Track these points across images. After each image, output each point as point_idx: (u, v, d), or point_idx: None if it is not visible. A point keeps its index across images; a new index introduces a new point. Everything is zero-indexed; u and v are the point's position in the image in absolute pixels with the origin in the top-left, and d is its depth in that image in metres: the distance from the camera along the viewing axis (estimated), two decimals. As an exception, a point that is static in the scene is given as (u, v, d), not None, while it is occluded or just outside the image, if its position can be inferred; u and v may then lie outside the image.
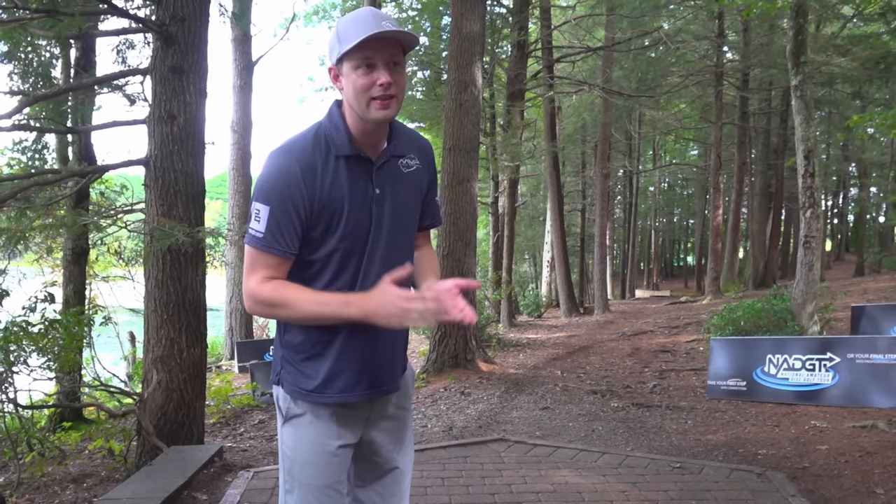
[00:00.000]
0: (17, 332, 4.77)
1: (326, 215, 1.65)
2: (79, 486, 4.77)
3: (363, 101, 1.61)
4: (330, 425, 1.75)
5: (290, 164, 1.62)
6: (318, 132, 1.69)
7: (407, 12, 18.58)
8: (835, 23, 19.48)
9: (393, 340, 1.80)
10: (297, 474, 1.76)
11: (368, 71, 1.59)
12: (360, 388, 1.76)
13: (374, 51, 1.58)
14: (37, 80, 7.40)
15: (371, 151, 1.71)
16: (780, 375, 6.44)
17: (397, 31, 1.56)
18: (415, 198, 1.83)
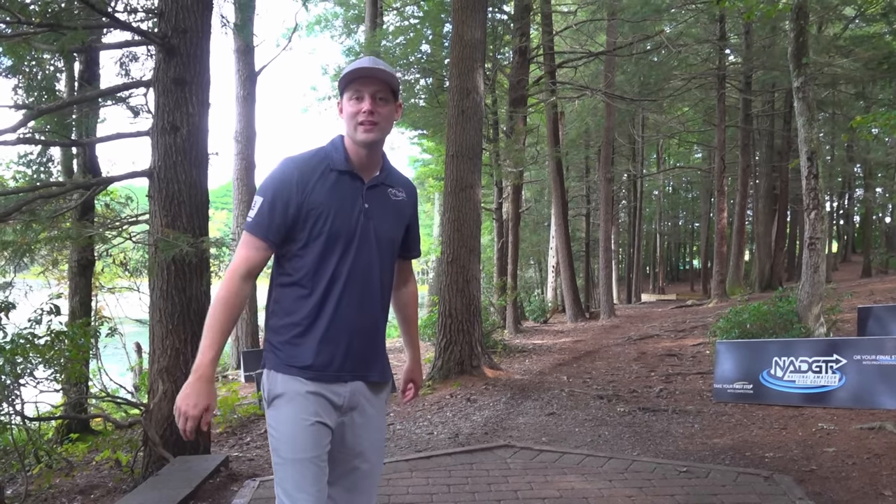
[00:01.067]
0: (23, 344, 4.79)
1: (314, 215, 1.95)
2: (86, 498, 4.79)
3: (352, 125, 1.99)
4: (307, 403, 1.94)
5: (291, 169, 1.98)
6: (321, 151, 2.06)
7: (408, 20, 18.64)
8: (836, 24, 19.48)
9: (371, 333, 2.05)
10: (282, 451, 1.94)
11: (357, 102, 1.98)
12: (334, 369, 1.98)
13: (363, 85, 1.97)
14: (41, 94, 7.46)
15: (364, 174, 2.05)
16: (786, 378, 6.42)
17: (379, 69, 1.95)
18: (398, 222, 2.14)
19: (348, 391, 2.00)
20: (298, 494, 1.90)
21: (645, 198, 37.22)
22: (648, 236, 45.18)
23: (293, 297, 1.99)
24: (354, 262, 1.98)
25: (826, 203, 30.72)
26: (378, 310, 2.07)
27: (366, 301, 2.01)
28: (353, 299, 1.99)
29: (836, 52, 17.85)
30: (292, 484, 1.91)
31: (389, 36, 16.61)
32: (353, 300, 1.99)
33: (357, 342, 2.00)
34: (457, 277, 8.70)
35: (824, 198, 9.07)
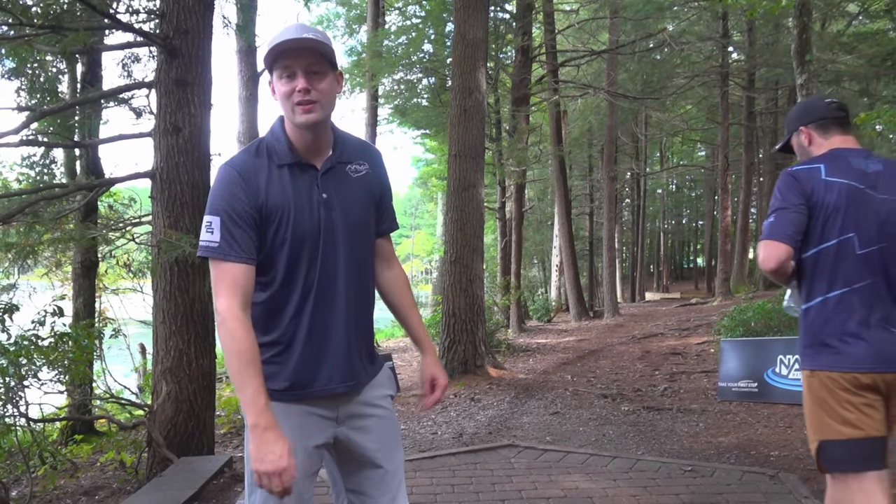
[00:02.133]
0: (27, 345, 4.80)
1: (273, 221, 1.73)
2: (91, 499, 4.79)
3: (288, 106, 1.73)
4: (291, 425, 1.75)
5: (232, 174, 1.72)
6: (261, 145, 1.80)
7: (411, 20, 18.64)
8: (840, 20, 19.39)
9: (356, 335, 1.85)
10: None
11: (289, 80, 1.71)
12: (319, 385, 1.79)
13: (293, 59, 1.70)
14: (44, 96, 7.47)
15: (314, 159, 1.80)
16: (791, 376, 6.39)
17: (308, 38, 1.67)
18: (366, 202, 1.88)
19: (341, 403, 1.84)
20: None
21: (648, 196, 37.15)
22: (652, 235, 45.10)
23: (267, 314, 1.78)
24: (325, 263, 1.77)
25: (830, 200, 30.50)
26: (359, 306, 1.85)
27: (343, 302, 1.80)
28: (330, 304, 1.78)
29: (840, 49, 17.78)
30: None
31: (392, 36, 16.61)
32: (330, 305, 1.78)
33: (339, 352, 1.80)
34: (460, 277, 8.69)
35: (828, 195, 9.03)
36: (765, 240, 2.23)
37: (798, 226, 2.20)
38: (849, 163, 2.26)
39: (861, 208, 2.19)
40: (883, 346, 2.14)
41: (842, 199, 2.19)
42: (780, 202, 2.25)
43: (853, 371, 2.15)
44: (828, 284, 2.21)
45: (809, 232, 2.23)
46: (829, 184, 2.21)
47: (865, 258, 2.18)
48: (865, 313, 2.16)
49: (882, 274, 2.18)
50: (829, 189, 2.20)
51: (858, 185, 2.21)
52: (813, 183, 2.22)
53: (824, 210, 2.20)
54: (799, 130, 2.45)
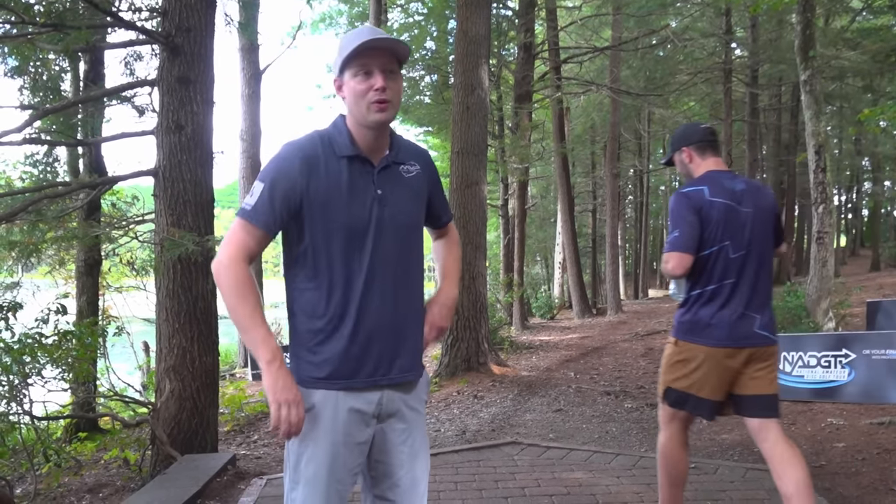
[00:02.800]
0: (31, 343, 4.81)
1: (322, 207, 1.76)
2: (95, 496, 4.81)
3: (362, 105, 1.76)
4: (336, 420, 1.78)
5: (293, 155, 1.78)
6: (324, 135, 1.85)
7: (413, 17, 18.63)
8: (844, 16, 19.34)
9: (403, 332, 1.86)
10: (302, 470, 1.79)
11: (366, 77, 1.75)
12: (364, 375, 1.80)
13: (370, 59, 1.74)
14: (46, 94, 7.47)
15: (373, 156, 1.84)
16: (795, 373, 6.38)
17: (388, 38, 1.74)
18: (417, 201, 1.93)
19: (384, 398, 1.83)
20: None
21: (651, 193, 37.14)
22: (655, 232, 45.06)
23: (312, 301, 1.80)
24: (374, 257, 1.78)
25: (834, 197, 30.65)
26: (406, 305, 1.86)
27: (391, 298, 1.81)
28: (376, 297, 1.79)
29: (844, 45, 17.71)
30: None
31: (394, 33, 16.61)
32: (376, 298, 1.79)
33: (386, 344, 1.81)
34: (463, 274, 8.68)
35: (832, 192, 9.02)
36: (674, 251, 2.81)
37: (696, 238, 2.80)
38: (723, 184, 2.87)
39: (733, 221, 2.80)
40: (743, 327, 2.79)
41: (721, 215, 2.80)
42: (681, 218, 2.82)
43: (712, 343, 2.79)
44: (707, 280, 2.83)
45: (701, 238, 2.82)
46: (712, 203, 2.81)
47: (735, 260, 2.80)
48: (735, 301, 2.80)
49: (747, 272, 2.82)
50: (713, 207, 2.80)
51: (731, 202, 2.82)
52: (701, 202, 2.81)
53: (709, 223, 2.80)
54: (681, 150, 3.05)
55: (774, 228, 2.93)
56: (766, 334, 2.83)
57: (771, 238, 2.90)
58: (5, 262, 7.39)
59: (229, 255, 1.75)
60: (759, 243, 2.84)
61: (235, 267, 1.74)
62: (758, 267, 2.83)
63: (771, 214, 2.91)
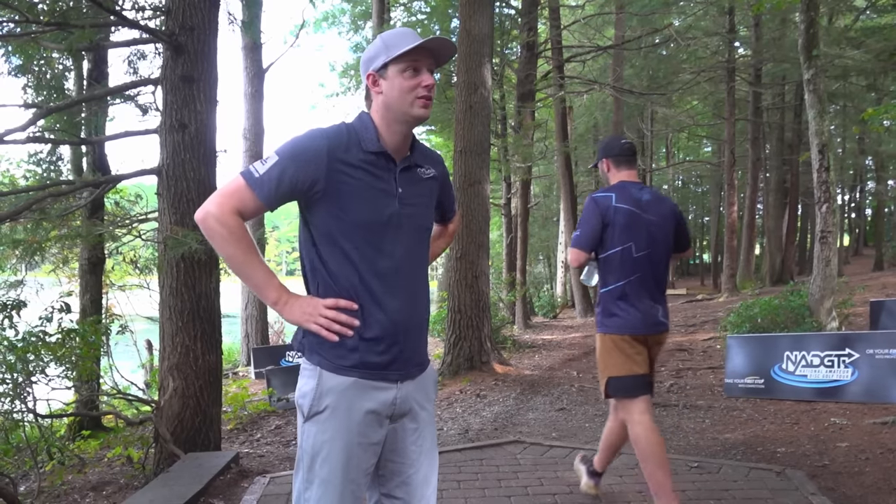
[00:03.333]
0: (34, 342, 4.82)
1: (344, 199, 1.78)
2: (98, 494, 4.81)
3: (409, 99, 1.81)
4: (351, 420, 1.79)
5: (320, 140, 1.79)
6: (350, 127, 1.86)
7: (416, 15, 18.62)
8: (847, 15, 19.29)
9: (420, 326, 1.92)
10: (318, 470, 1.79)
11: (415, 74, 1.81)
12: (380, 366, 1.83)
13: (422, 57, 1.81)
14: (50, 93, 7.48)
15: (396, 155, 1.88)
16: (798, 372, 6.38)
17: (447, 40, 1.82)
18: (430, 204, 2.00)
19: (399, 396, 1.85)
20: None
21: (654, 192, 37.01)
22: (658, 231, 44.93)
23: (332, 290, 1.81)
24: (393, 253, 1.82)
25: (837, 196, 30.57)
26: (422, 301, 1.92)
27: (408, 295, 1.85)
28: (396, 294, 1.82)
29: (847, 44, 17.66)
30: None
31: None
32: (396, 295, 1.82)
33: (403, 339, 1.84)
34: (466, 273, 8.69)
35: (835, 191, 9.01)
36: (574, 247, 3.34)
37: (595, 238, 3.30)
38: (630, 193, 3.33)
39: (635, 226, 3.28)
40: (648, 316, 3.30)
41: (625, 219, 3.27)
42: (585, 220, 3.32)
43: (630, 333, 3.28)
44: (617, 276, 3.30)
45: (606, 240, 3.30)
46: (617, 208, 3.28)
47: (639, 259, 3.28)
48: (642, 294, 3.30)
49: (649, 270, 3.31)
50: (618, 212, 3.27)
51: (635, 209, 3.29)
52: (607, 207, 3.28)
53: (613, 226, 3.27)
54: (602, 160, 3.53)
55: (676, 234, 3.44)
56: (666, 322, 3.41)
57: (670, 242, 3.42)
58: (9, 260, 7.41)
59: (224, 207, 1.75)
60: (658, 245, 3.34)
61: (229, 218, 1.74)
62: (657, 265, 3.35)
63: (671, 222, 3.41)
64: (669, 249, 3.42)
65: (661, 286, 3.40)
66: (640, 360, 3.30)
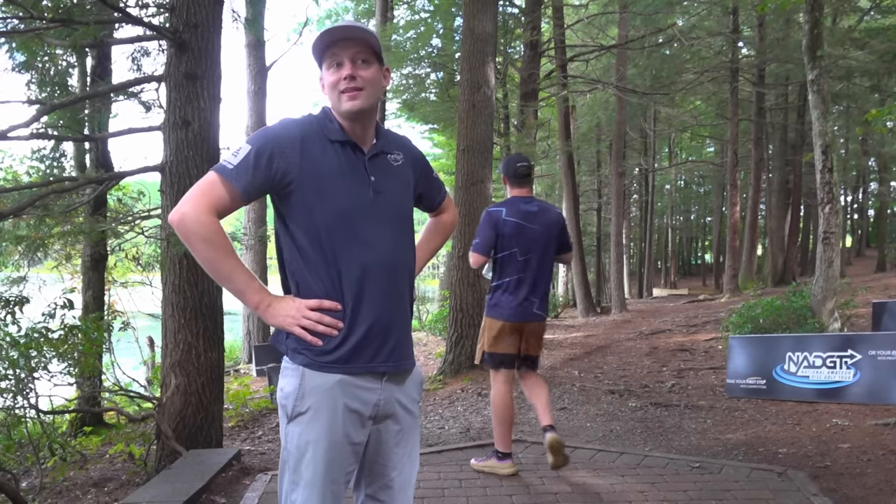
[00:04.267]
0: (37, 338, 4.83)
1: (318, 188, 1.75)
2: (100, 490, 4.82)
3: (335, 96, 1.80)
4: (335, 421, 1.76)
5: (293, 129, 1.78)
6: (315, 119, 1.85)
7: (419, 14, 18.61)
8: (851, 16, 19.27)
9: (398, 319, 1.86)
10: (303, 471, 1.77)
11: (337, 69, 1.79)
12: (363, 360, 1.79)
13: (340, 50, 1.78)
14: (54, 89, 7.48)
15: (362, 144, 1.85)
16: (800, 373, 6.37)
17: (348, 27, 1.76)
18: (406, 191, 1.95)
19: (383, 397, 1.82)
20: None
21: (657, 192, 37.06)
22: (660, 231, 45.00)
23: (311, 286, 1.77)
24: (370, 243, 1.77)
25: (840, 197, 30.53)
26: (404, 295, 1.88)
27: (388, 286, 1.81)
28: (375, 285, 1.78)
29: (851, 45, 17.65)
30: None
31: (400, 30, 16.58)
32: (375, 286, 1.78)
33: (385, 332, 1.80)
34: (468, 272, 8.68)
35: (839, 192, 9.00)
36: (474, 252, 4.06)
37: (490, 244, 4.06)
38: (518, 207, 4.09)
39: (520, 235, 4.04)
40: (524, 308, 4.07)
41: (511, 230, 4.04)
42: (482, 230, 4.07)
43: (508, 320, 4.07)
44: (504, 274, 4.08)
45: (498, 245, 4.06)
46: (506, 221, 4.05)
47: (521, 262, 4.05)
48: (521, 291, 4.06)
49: (530, 270, 4.06)
50: (506, 224, 4.05)
51: (521, 221, 4.05)
52: (497, 219, 4.06)
53: (503, 235, 4.03)
54: (502, 177, 4.28)
55: (558, 240, 4.17)
56: (540, 314, 4.14)
57: (552, 247, 4.14)
58: (12, 256, 7.42)
59: (199, 207, 1.69)
60: (540, 251, 4.07)
61: (206, 218, 1.69)
62: (538, 267, 4.07)
63: (555, 230, 4.14)
64: (551, 254, 4.15)
65: (541, 284, 4.11)
66: (509, 342, 4.10)
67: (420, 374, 1.99)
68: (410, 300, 1.94)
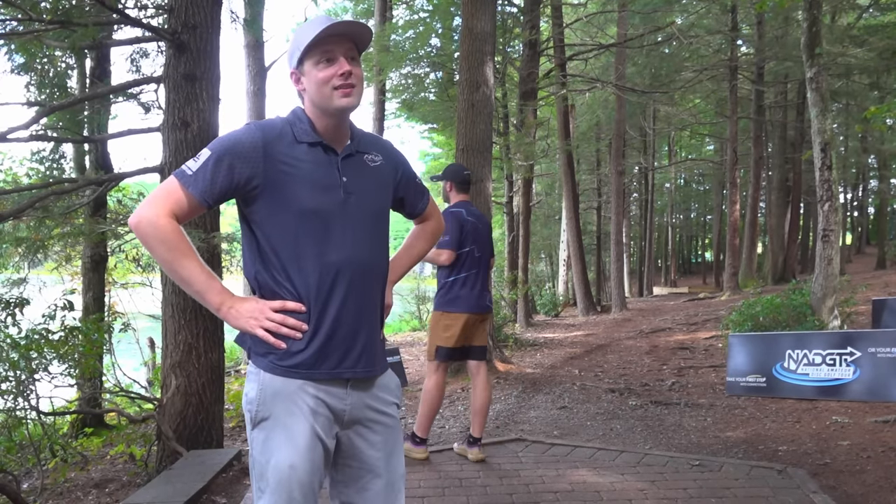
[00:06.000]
0: (37, 339, 4.83)
1: (281, 190, 1.72)
2: (101, 491, 4.83)
3: (327, 91, 1.74)
4: (297, 427, 1.72)
5: (255, 134, 1.73)
6: (283, 121, 1.81)
7: (418, 13, 18.59)
8: (850, 13, 19.26)
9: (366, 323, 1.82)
10: (269, 478, 1.72)
11: (329, 64, 1.74)
12: (328, 367, 1.75)
13: (333, 45, 1.73)
14: (53, 91, 7.48)
15: (335, 145, 1.82)
16: (800, 371, 6.38)
17: (351, 23, 1.73)
18: (383, 191, 1.91)
19: (351, 401, 1.79)
20: None
21: (656, 190, 37.05)
22: (660, 229, 45.00)
23: (274, 288, 1.75)
24: (339, 244, 1.74)
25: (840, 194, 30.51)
26: (371, 296, 1.82)
27: (356, 287, 1.77)
28: (343, 287, 1.74)
29: (850, 42, 17.65)
30: None
31: (399, 30, 16.56)
32: (343, 288, 1.74)
33: (353, 335, 1.77)
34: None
35: (838, 189, 9.00)
36: (447, 248, 4.36)
37: (458, 241, 4.39)
38: (471, 209, 4.56)
39: (476, 234, 4.47)
40: (481, 300, 4.48)
41: (470, 228, 4.45)
42: (450, 229, 4.34)
43: (472, 312, 4.43)
44: (465, 269, 4.44)
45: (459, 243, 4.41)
46: (467, 220, 4.45)
47: (477, 258, 4.48)
48: (474, 284, 4.46)
49: (483, 266, 4.52)
50: (467, 223, 4.45)
51: (476, 222, 4.51)
52: (462, 219, 4.42)
53: (465, 233, 4.42)
54: (447, 182, 4.64)
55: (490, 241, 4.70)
56: (490, 306, 4.58)
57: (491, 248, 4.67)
58: (12, 258, 7.43)
59: (158, 210, 1.68)
60: (487, 249, 4.59)
61: (165, 221, 1.67)
62: (486, 264, 4.56)
63: (490, 234, 4.72)
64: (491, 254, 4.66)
65: (486, 279, 4.61)
66: (464, 334, 4.43)
67: (392, 376, 1.95)
68: (382, 305, 1.90)
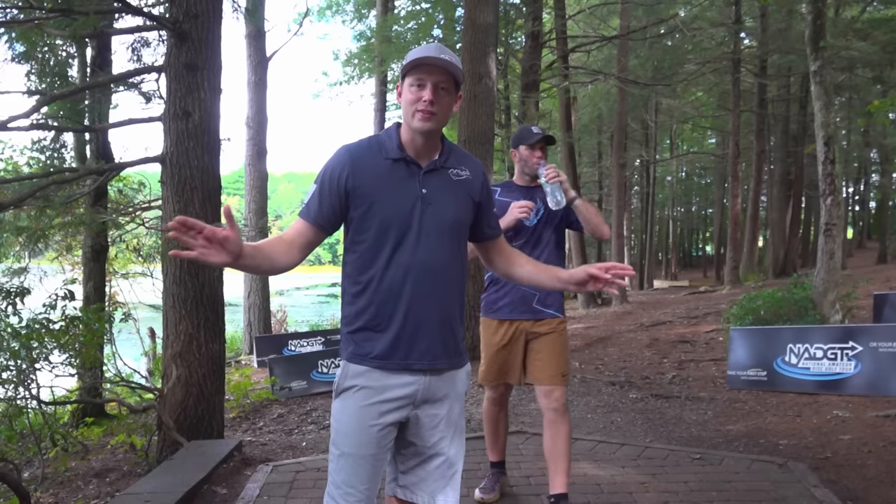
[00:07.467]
0: (38, 329, 4.83)
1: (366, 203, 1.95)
2: (101, 481, 4.84)
3: (410, 111, 1.96)
4: (374, 398, 1.96)
5: (343, 154, 2.00)
6: (373, 138, 2.06)
7: (420, 5, 18.52)
8: (854, 6, 19.18)
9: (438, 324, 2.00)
10: (341, 444, 1.98)
11: (419, 89, 1.94)
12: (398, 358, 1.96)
13: (426, 74, 1.93)
14: (54, 80, 7.45)
15: (420, 160, 2.02)
16: (801, 365, 6.37)
17: (443, 60, 1.91)
18: (464, 202, 2.07)
19: (420, 385, 1.99)
20: (347, 489, 1.97)
21: (658, 183, 36.95)
22: (661, 222, 44.94)
23: (355, 288, 2.00)
24: (415, 251, 1.94)
25: (842, 189, 30.47)
26: (445, 300, 2.01)
27: (429, 291, 1.96)
28: (414, 290, 1.95)
29: (854, 36, 17.56)
30: (343, 477, 1.98)
31: (401, 21, 16.53)
32: (414, 291, 1.95)
33: (421, 333, 1.97)
34: (469, 264, 8.67)
35: (840, 183, 8.98)
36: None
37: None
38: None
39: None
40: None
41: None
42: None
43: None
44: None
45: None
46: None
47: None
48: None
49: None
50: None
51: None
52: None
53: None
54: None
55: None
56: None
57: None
58: (13, 247, 7.42)
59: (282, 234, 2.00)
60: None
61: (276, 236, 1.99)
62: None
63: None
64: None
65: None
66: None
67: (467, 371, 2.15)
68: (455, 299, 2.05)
